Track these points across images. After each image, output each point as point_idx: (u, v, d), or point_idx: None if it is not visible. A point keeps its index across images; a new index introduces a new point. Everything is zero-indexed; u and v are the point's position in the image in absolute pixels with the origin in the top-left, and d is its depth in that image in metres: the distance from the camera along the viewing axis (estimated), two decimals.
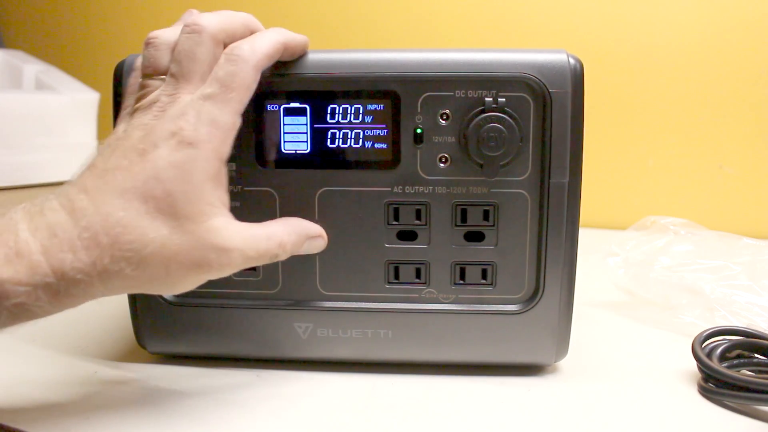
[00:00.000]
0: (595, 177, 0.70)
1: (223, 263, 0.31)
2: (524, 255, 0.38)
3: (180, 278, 0.31)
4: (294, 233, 0.35)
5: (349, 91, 0.37)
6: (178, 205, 0.30)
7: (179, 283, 0.31)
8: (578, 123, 0.36)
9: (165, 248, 0.29)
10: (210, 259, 0.31)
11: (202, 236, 0.30)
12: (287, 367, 0.40)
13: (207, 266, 0.31)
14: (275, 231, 0.34)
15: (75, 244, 0.28)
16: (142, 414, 0.35)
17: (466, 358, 0.40)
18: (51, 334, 0.46)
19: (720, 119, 0.79)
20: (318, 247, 0.37)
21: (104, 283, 0.29)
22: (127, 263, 0.29)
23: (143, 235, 0.29)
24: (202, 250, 0.30)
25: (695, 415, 0.35)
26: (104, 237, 0.29)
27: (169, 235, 0.29)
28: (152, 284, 0.30)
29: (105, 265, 0.29)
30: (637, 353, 0.44)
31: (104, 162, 0.30)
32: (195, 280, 0.31)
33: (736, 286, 0.50)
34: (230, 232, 0.31)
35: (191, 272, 0.31)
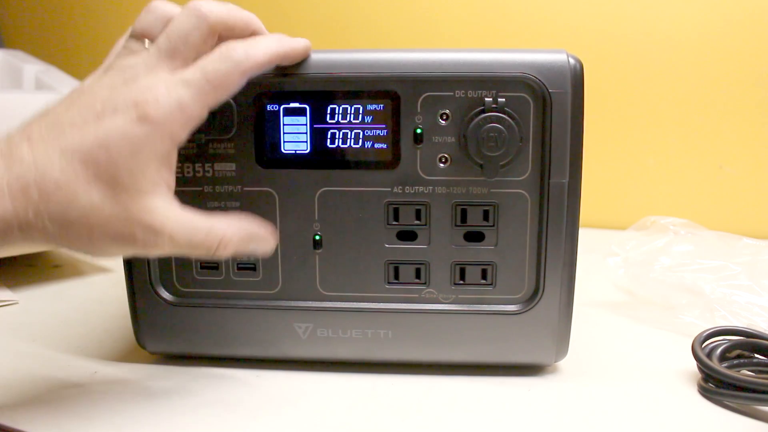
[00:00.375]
0: (595, 177, 0.70)
1: (149, 243, 0.30)
2: (524, 255, 0.38)
3: (102, 246, 0.30)
4: (240, 231, 0.33)
5: (349, 91, 0.37)
6: (118, 176, 0.29)
7: (100, 251, 0.30)
8: (578, 123, 0.36)
9: (92, 215, 0.29)
10: (135, 236, 0.30)
11: (134, 212, 0.30)
12: (287, 367, 0.40)
13: (131, 242, 0.30)
14: (219, 226, 0.32)
15: (2, 191, 0.28)
16: (142, 414, 0.35)
17: (466, 358, 0.40)
18: (51, 334, 0.46)
19: (720, 119, 0.79)
20: (264, 249, 0.35)
21: (24, 234, 0.28)
22: (51, 221, 0.28)
23: (74, 198, 0.28)
24: (130, 225, 0.30)
25: (695, 415, 0.35)
26: (34, 191, 0.28)
27: (100, 203, 0.29)
28: (73, 245, 0.30)
29: (28, 218, 0.28)
30: (637, 353, 0.44)
31: (58, 114, 0.30)
32: (117, 251, 0.31)
33: (736, 286, 0.50)
34: (165, 214, 0.30)
35: (114, 243, 0.30)
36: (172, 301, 0.40)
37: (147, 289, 0.39)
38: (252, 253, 0.34)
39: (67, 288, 0.59)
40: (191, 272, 0.40)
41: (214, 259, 0.33)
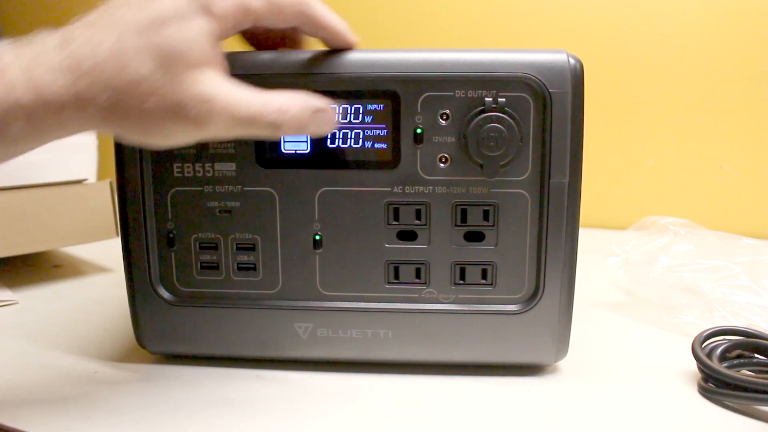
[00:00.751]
0: (595, 177, 0.70)
1: (203, 117, 0.29)
2: (524, 255, 0.38)
3: (156, 123, 0.29)
4: (299, 100, 0.32)
5: (349, 91, 0.37)
6: (171, 45, 0.29)
7: (156, 129, 0.29)
8: (578, 123, 0.36)
9: (144, 84, 0.28)
10: (188, 108, 0.29)
11: (186, 82, 0.29)
12: (287, 367, 0.40)
13: (184, 115, 0.29)
14: (274, 97, 0.31)
15: (56, 65, 0.28)
16: (142, 414, 0.35)
17: (466, 358, 0.40)
18: (51, 334, 0.46)
19: (720, 119, 0.79)
20: (326, 123, 0.33)
21: (77, 111, 0.28)
22: (103, 90, 0.28)
23: (126, 65, 0.28)
24: (182, 96, 0.29)
25: (695, 415, 0.35)
26: (87, 61, 0.28)
27: (151, 72, 0.28)
28: (126, 122, 0.29)
29: (81, 88, 0.28)
30: (637, 353, 0.44)
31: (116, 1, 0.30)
32: (173, 129, 0.30)
33: (736, 286, 0.50)
34: (217, 85, 0.30)
35: (168, 118, 0.29)
36: (172, 301, 0.40)
37: (147, 289, 0.39)
38: (314, 129, 0.32)
39: (67, 288, 0.59)
40: (191, 272, 0.40)
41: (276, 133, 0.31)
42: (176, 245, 0.39)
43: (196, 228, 0.39)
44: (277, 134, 0.32)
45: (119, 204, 0.39)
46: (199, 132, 0.30)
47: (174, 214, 0.39)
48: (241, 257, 0.39)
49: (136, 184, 0.38)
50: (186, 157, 0.38)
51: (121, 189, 0.38)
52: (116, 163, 0.38)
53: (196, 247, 0.39)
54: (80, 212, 0.60)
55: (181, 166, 0.38)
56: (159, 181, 0.38)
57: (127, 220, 0.39)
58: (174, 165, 0.38)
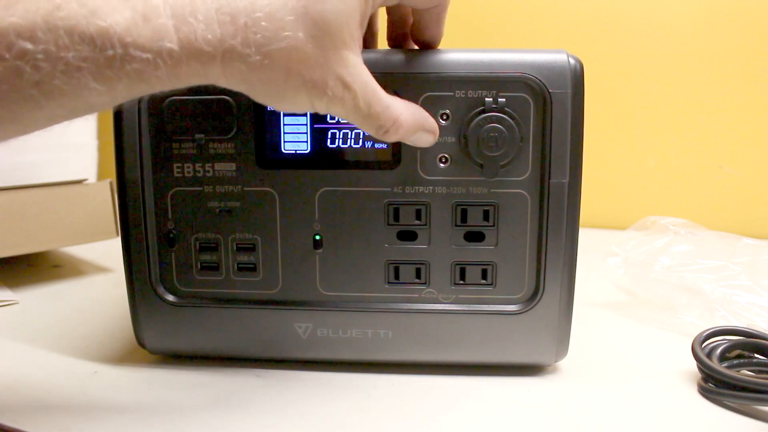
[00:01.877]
0: (595, 177, 0.70)
1: (335, 97, 0.30)
2: (524, 255, 0.38)
3: (293, 91, 0.29)
4: (415, 116, 0.33)
5: None
6: (327, 21, 0.29)
7: (290, 97, 0.30)
8: (578, 123, 0.36)
9: (295, 52, 0.28)
10: (327, 85, 0.29)
11: (332, 60, 0.29)
12: (287, 367, 0.40)
13: (321, 91, 0.29)
14: (397, 105, 0.32)
15: (210, 16, 0.27)
16: (142, 414, 0.35)
17: (466, 358, 0.40)
18: (51, 334, 0.46)
19: (720, 119, 0.79)
20: (427, 141, 0.35)
21: (224, 65, 0.28)
22: (256, 50, 0.28)
23: (282, 30, 0.28)
24: (326, 72, 0.29)
25: (695, 415, 0.35)
26: (243, 17, 0.28)
27: (304, 42, 0.28)
28: (265, 84, 0.29)
29: (233, 44, 0.27)
30: (637, 353, 0.44)
31: None
32: (304, 100, 0.30)
33: (736, 286, 0.50)
34: (358, 71, 0.30)
35: (305, 89, 0.29)
36: (172, 301, 0.40)
37: (147, 289, 0.39)
38: (414, 142, 0.34)
39: (67, 288, 0.59)
40: (191, 272, 0.40)
41: (382, 137, 0.32)
42: (176, 245, 0.39)
43: (196, 228, 0.39)
44: (378, 135, 0.32)
45: (119, 204, 0.39)
46: (323, 107, 0.30)
47: (174, 214, 0.39)
48: (241, 257, 0.39)
49: (136, 184, 0.38)
50: (186, 157, 0.38)
51: (121, 189, 0.38)
52: (116, 163, 0.38)
53: (196, 247, 0.39)
54: (80, 212, 0.60)
55: (181, 166, 0.38)
56: (159, 181, 0.38)
57: (127, 220, 0.39)
58: (174, 165, 0.38)
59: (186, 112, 0.37)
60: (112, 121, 0.38)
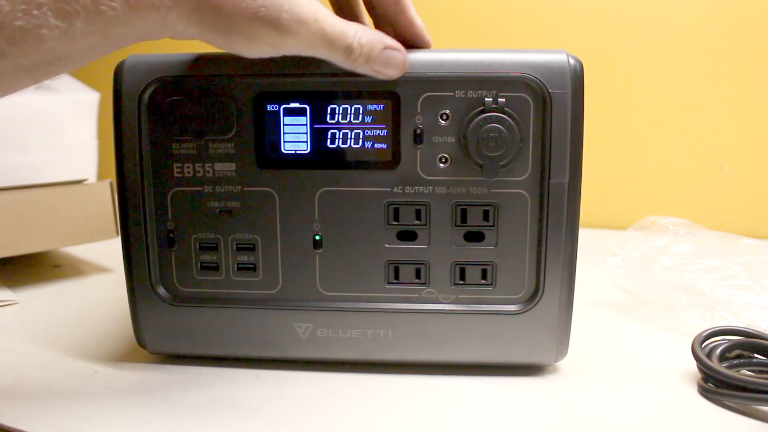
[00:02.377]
0: (595, 177, 0.70)
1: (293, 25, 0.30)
2: (524, 255, 0.38)
3: (245, 24, 0.29)
4: (376, 34, 0.33)
5: (349, 91, 0.37)
6: None
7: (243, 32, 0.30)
8: (578, 123, 0.36)
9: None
10: (282, 20, 0.29)
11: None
12: (287, 367, 0.40)
13: (276, 23, 0.29)
14: (354, 24, 0.32)
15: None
16: (142, 414, 0.35)
17: (466, 358, 0.40)
18: (51, 334, 0.46)
19: (720, 119, 0.79)
20: (397, 61, 0.34)
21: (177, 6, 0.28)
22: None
23: None
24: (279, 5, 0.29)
25: (695, 415, 0.35)
26: None
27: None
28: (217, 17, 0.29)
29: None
30: (637, 353, 0.44)
31: None
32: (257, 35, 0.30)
33: (736, 286, 0.50)
34: (308, 2, 0.30)
35: (257, 21, 0.29)
36: (172, 301, 0.40)
37: (147, 289, 0.39)
38: (385, 64, 0.34)
39: (67, 288, 0.59)
40: (191, 272, 0.40)
41: (350, 65, 0.32)
42: (176, 245, 0.39)
43: (196, 228, 0.39)
44: (349, 61, 0.32)
45: (119, 204, 0.39)
46: (283, 41, 0.30)
47: (174, 214, 0.39)
48: (241, 257, 0.39)
49: (136, 184, 0.38)
50: (186, 157, 0.38)
51: (121, 189, 0.38)
52: (116, 163, 0.38)
53: (196, 247, 0.39)
54: (80, 212, 0.60)
55: (181, 166, 0.38)
56: (159, 181, 0.38)
57: (127, 220, 0.39)
58: (174, 165, 0.38)
59: (186, 112, 0.37)
60: (112, 121, 0.38)
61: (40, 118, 0.66)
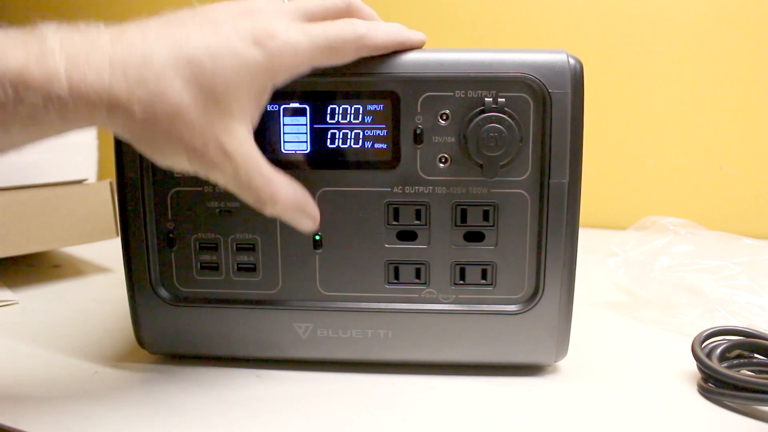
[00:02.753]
0: (595, 177, 0.70)
1: (215, 165, 0.30)
2: (524, 255, 0.38)
3: (172, 151, 0.30)
4: (294, 196, 0.33)
5: (349, 91, 0.37)
6: (215, 89, 0.29)
7: (168, 155, 0.30)
8: (578, 123, 0.36)
9: (179, 115, 0.29)
10: (207, 152, 0.30)
11: (216, 128, 0.30)
12: (287, 367, 0.40)
13: (200, 156, 0.30)
14: (278, 181, 0.32)
15: (102, 64, 0.28)
16: (142, 414, 0.35)
17: (466, 358, 0.40)
18: (51, 334, 0.46)
19: (720, 119, 0.79)
20: (306, 225, 0.35)
21: (109, 114, 0.28)
22: (140, 107, 0.28)
23: (169, 91, 0.28)
24: (208, 139, 0.30)
25: (695, 415, 0.35)
26: (134, 73, 0.28)
27: (189, 106, 0.29)
28: (147, 138, 0.30)
29: (119, 97, 0.28)
30: (637, 353, 0.44)
31: (178, 17, 0.31)
32: (183, 162, 0.30)
33: (736, 286, 0.50)
34: (242, 143, 0.31)
35: (184, 152, 0.30)
36: (172, 301, 0.40)
37: (147, 289, 0.39)
38: (291, 222, 0.34)
39: (67, 288, 0.59)
40: (191, 272, 0.40)
41: (260, 209, 0.33)
42: (176, 245, 0.39)
43: (196, 228, 0.39)
44: (255, 207, 0.33)
45: (119, 204, 0.39)
46: (202, 170, 0.31)
47: (174, 214, 0.39)
48: (241, 257, 0.39)
49: (136, 184, 0.38)
50: None
51: (121, 189, 0.38)
52: (116, 163, 0.38)
53: (196, 247, 0.39)
54: (80, 212, 0.60)
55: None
56: (159, 181, 0.38)
57: (127, 220, 0.39)
58: None
59: None
60: None
61: None
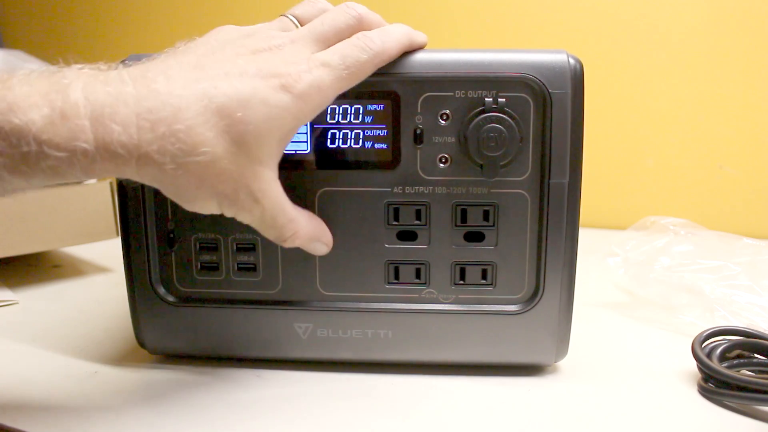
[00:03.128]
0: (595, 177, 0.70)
1: (245, 208, 0.31)
2: (524, 255, 0.38)
3: (203, 198, 0.30)
4: (312, 231, 0.35)
5: (349, 91, 0.37)
6: (246, 137, 0.29)
7: (198, 203, 0.31)
8: (578, 123, 0.36)
9: (210, 166, 0.29)
10: (238, 198, 0.31)
11: (247, 176, 0.30)
12: (287, 367, 0.40)
13: (231, 202, 0.31)
14: (300, 220, 0.34)
15: (130, 121, 0.27)
16: (142, 414, 0.35)
17: (466, 358, 0.40)
18: (51, 334, 0.46)
19: (720, 119, 0.79)
20: (320, 251, 0.37)
21: (138, 168, 0.28)
22: (171, 160, 0.28)
23: (201, 143, 0.28)
24: (238, 187, 0.30)
25: (695, 415, 0.35)
26: (163, 127, 0.28)
27: (221, 156, 0.29)
28: (177, 188, 0.30)
29: (149, 151, 0.28)
30: (637, 353, 0.44)
31: (202, 56, 0.30)
32: (212, 207, 0.31)
33: (736, 286, 0.50)
34: (270, 187, 0.31)
35: (215, 198, 0.30)
36: (172, 301, 0.40)
37: (147, 289, 0.39)
38: (308, 249, 0.36)
39: (67, 288, 0.59)
40: (191, 272, 0.40)
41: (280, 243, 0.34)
42: (176, 245, 0.39)
43: (196, 228, 0.39)
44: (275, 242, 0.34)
45: (119, 204, 0.39)
46: (230, 214, 0.32)
47: (174, 214, 0.39)
48: (241, 257, 0.39)
49: (136, 184, 0.38)
50: None
51: (121, 189, 0.38)
52: None
53: (196, 247, 0.39)
54: (80, 212, 0.60)
55: None
56: None
57: (127, 220, 0.39)
58: None
59: None
60: None
61: None
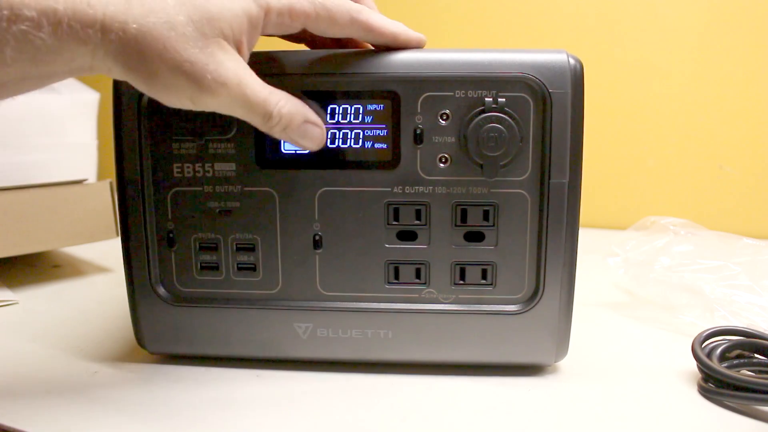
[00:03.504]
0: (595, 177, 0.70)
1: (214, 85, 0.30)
2: (524, 255, 0.38)
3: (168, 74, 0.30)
4: (297, 107, 0.33)
5: (349, 91, 0.37)
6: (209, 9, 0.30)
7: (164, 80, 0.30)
8: (578, 123, 0.36)
9: (173, 29, 0.29)
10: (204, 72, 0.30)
11: (212, 46, 0.30)
12: (287, 367, 0.40)
13: (197, 79, 0.30)
14: (277, 93, 0.33)
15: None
16: (142, 414, 0.35)
17: (466, 358, 0.40)
18: (51, 334, 0.47)
19: (720, 119, 0.79)
20: (314, 136, 0.34)
21: (103, 32, 0.28)
22: (134, 20, 0.28)
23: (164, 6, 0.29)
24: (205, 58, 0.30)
25: (695, 415, 0.35)
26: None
27: (184, 22, 0.29)
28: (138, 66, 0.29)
29: (116, 10, 0.28)
30: (637, 353, 0.44)
31: None
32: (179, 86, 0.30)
33: (736, 286, 0.50)
34: (237, 66, 0.31)
35: (180, 75, 0.30)
36: (172, 301, 0.40)
37: (147, 289, 0.39)
38: (302, 136, 0.34)
39: (67, 288, 0.59)
40: (191, 272, 0.40)
41: (269, 131, 0.33)
42: (176, 245, 0.39)
43: (196, 228, 0.39)
44: (267, 126, 0.33)
45: (119, 204, 0.39)
46: (202, 98, 0.31)
47: (174, 214, 0.39)
48: (241, 257, 0.39)
49: (136, 184, 0.38)
50: (186, 157, 0.38)
51: (121, 189, 0.38)
52: (116, 164, 0.38)
53: (196, 247, 0.39)
54: (80, 212, 0.60)
55: (181, 166, 0.38)
56: (159, 181, 0.38)
57: (127, 220, 0.39)
58: (174, 165, 0.38)
59: (186, 112, 0.37)
60: (112, 121, 0.38)
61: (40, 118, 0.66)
